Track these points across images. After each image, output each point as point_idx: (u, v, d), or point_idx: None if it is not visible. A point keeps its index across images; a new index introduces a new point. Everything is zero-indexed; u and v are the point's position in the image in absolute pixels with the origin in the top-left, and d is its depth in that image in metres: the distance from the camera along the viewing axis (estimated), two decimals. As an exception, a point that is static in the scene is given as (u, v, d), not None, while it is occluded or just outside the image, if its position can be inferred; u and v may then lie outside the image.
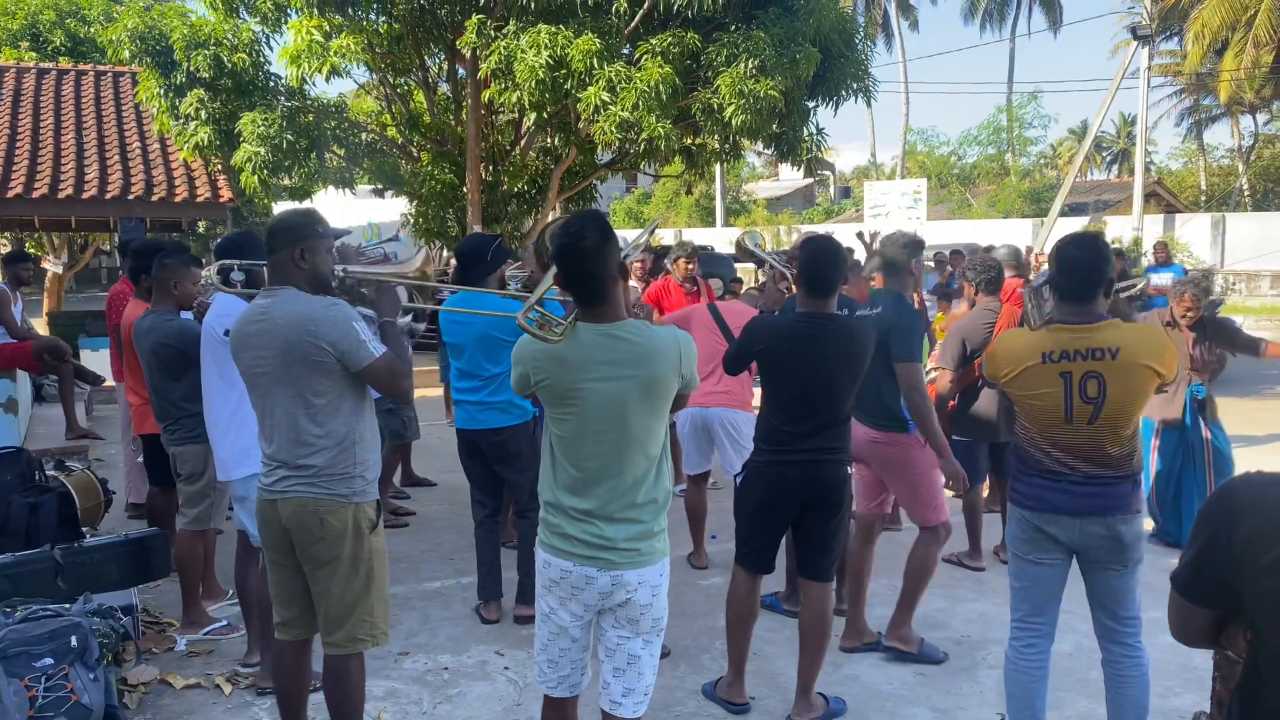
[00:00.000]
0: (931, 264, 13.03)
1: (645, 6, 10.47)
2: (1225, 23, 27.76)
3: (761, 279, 8.02)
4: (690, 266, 6.73)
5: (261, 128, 10.67)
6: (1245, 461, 6.28)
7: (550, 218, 14.65)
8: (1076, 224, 24.85)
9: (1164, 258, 12.82)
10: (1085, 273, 3.05)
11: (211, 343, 3.90)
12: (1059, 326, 3.07)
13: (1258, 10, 27.23)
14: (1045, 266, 9.35)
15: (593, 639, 2.76)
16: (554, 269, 2.61)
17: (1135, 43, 23.31)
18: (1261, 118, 37.47)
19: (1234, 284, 23.84)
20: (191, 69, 10.71)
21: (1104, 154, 49.74)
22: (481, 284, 4.52)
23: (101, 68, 15.40)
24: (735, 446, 5.23)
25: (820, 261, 3.61)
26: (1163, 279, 11.96)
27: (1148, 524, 5.81)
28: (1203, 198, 37.05)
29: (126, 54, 11.23)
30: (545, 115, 11.36)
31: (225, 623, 4.61)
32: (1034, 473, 3.17)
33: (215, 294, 4.05)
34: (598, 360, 2.55)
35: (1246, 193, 36.29)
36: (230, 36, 10.95)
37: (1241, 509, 1.46)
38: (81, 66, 15.59)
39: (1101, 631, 3.28)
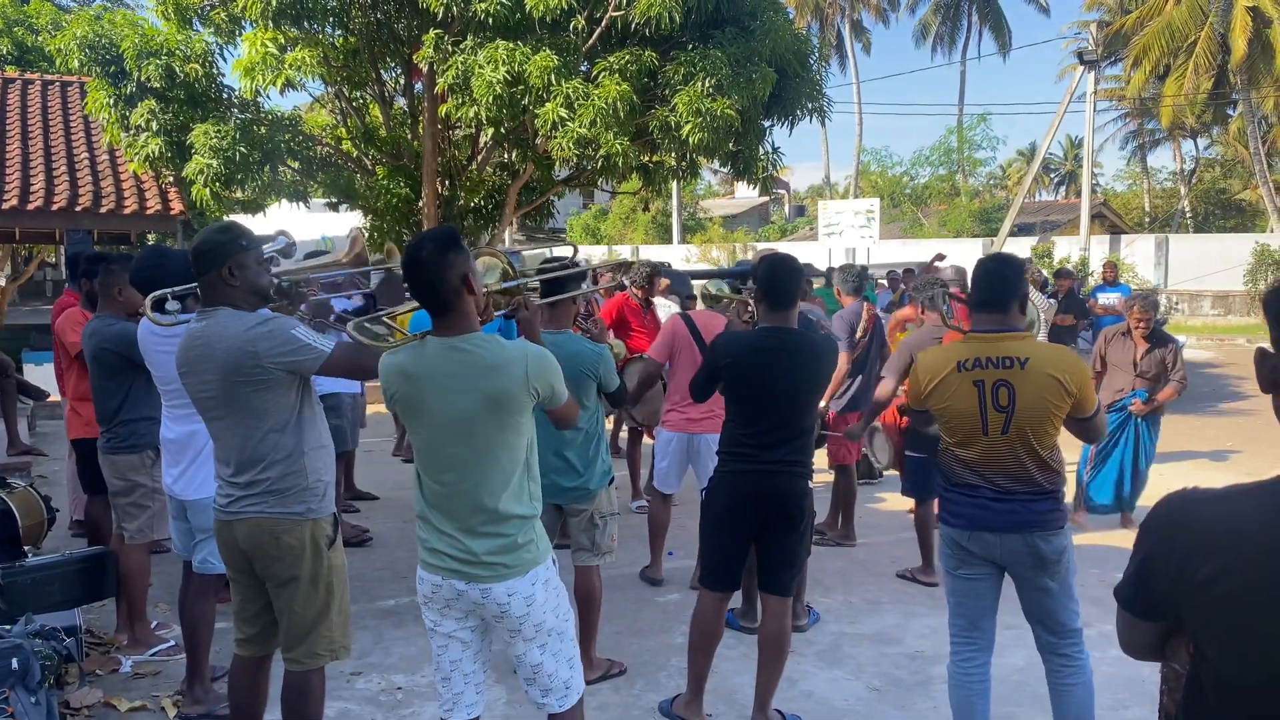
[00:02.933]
0: (884, 282, 13.22)
1: (603, 24, 10.51)
2: (1167, 50, 28.54)
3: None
4: (652, 287, 6.78)
5: (214, 140, 10.52)
6: (1188, 477, 6.47)
7: (506, 233, 14.62)
8: (1025, 243, 25.33)
9: (1112, 277, 13.10)
10: (999, 284, 3.20)
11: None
12: (973, 335, 3.20)
13: (1197, 38, 28.04)
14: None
15: (484, 649, 2.80)
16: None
17: (1081, 68, 23.89)
18: (1202, 142, 38.60)
19: (1177, 304, 24.43)
20: (142, 79, 10.53)
21: (1052, 175, 50.77)
22: None
23: (49, 77, 15.09)
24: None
25: (780, 276, 3.67)
26: (1110, 298, 12.24)
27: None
28: (1147, 219, 37.97)
29: (75, 63, 11.01)
30: (503, 131, 11.33)
31: (173, 643, 4.51)
32: (954, 488, 3.24)
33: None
34: (441, 373, 2.57)
35: (1188, 215, 37.27)
36: (183, 47, 10.79)
37: (1178, 525, 1.48)
38: (29, 75, 15.27)
39: (1041, 645, 3.35)
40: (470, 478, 2.59)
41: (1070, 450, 4.11)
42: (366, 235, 13.34)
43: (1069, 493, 3.54)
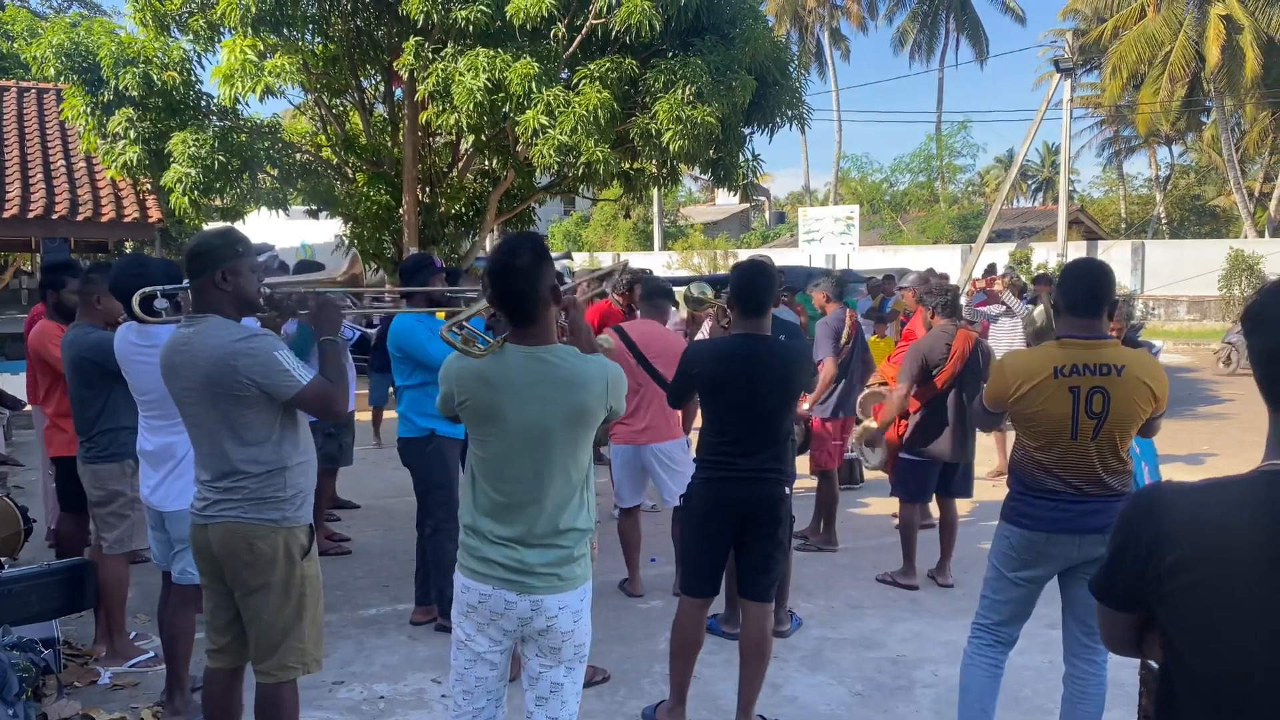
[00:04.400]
0: (864, 289, 13.28)
1: (583, 32, 10.54)
2: (1142, 58, 28.89)
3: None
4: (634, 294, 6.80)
5: (192, 148, 10.46)
6: (1165, 477, 6.52)
7: (488, 240, 14.61)
8: (1003, 250, 25.52)
9: (1087, 283, 13.19)
10: (1096, 289, 3.16)
11: None
12: (1067, 341, 3.15)
13: (1172, 47, 28.39)
14: (1002, 289, 9.63)
15: (509, 669, 2.73)
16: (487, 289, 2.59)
17: (1058, 75, 24.10)
18: (1177, 149, 39.03)
19: (1153, 308, 24.68)
20: (120, 87, 10.46)
21: (1029, 182, 51.13)
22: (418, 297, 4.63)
23: (25, 84, 14.97)
24: (672, 475, 5.25)
25: (753, 283, 3.67)
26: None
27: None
28: (1123, 225, 38.36)
29: (51, 71, 10.93)
30: (483, 138, 11.34)
31: (152, 654, 4.48)
32: (1033, 493, 3.22)
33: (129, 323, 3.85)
34: (523, 383, 2.52)
35: (1164, 221, 37.68)
36: (160, 54, 10.73)
37: (1149, 514, 1.53)
38: (4, 82, 15.14)
39: (1071, 646, 3.35)
40: (537, 489, 2.55)
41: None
42: (347, 242, 13.34)
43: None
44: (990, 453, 8.32)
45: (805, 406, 6.00)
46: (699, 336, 6.19)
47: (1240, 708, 1.43)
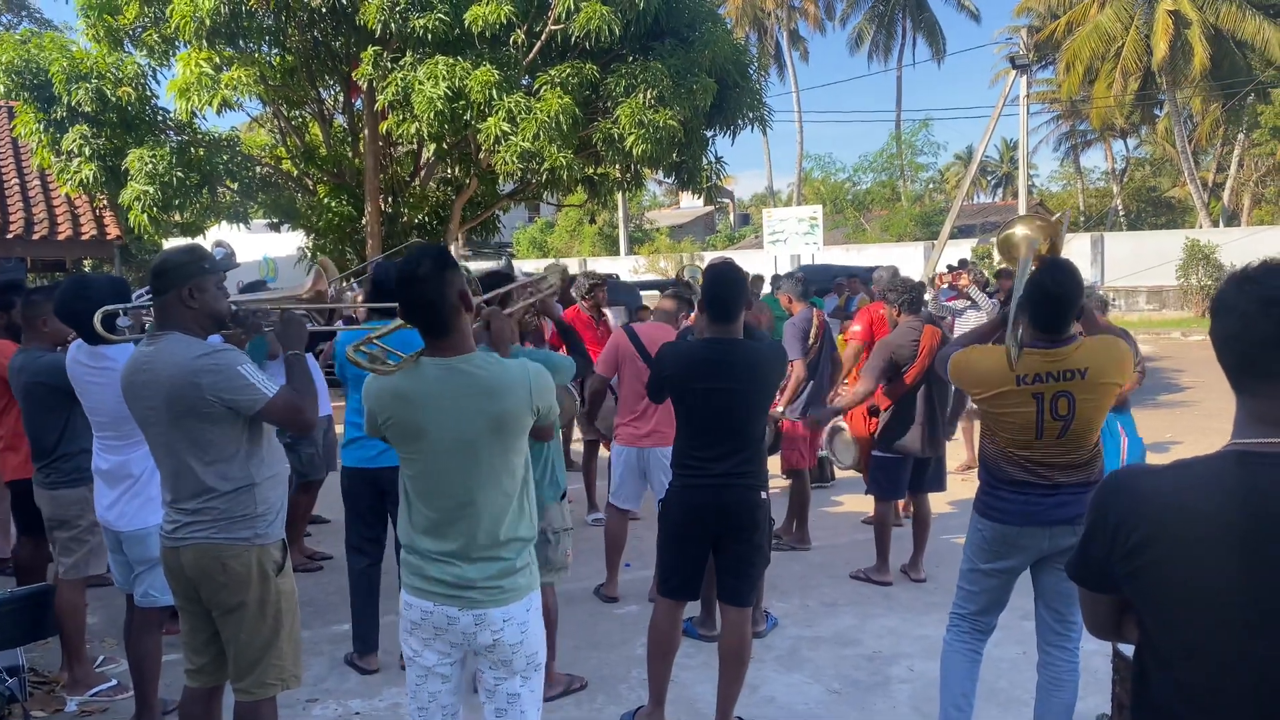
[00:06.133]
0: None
1: (543, 38, 10.54)
2: (1095, 53, 29.34)
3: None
4: (594, 296, 6.77)
5: (150, 164, 10.32)
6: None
7: (453, 248, 14.53)
8: (966, 245, 25.78)
9: (1050, 276, 13.35)
10: (1061, 306, 3.12)
11: None
12: (1030, 351, 3.14)
13: (1124, 42, 28.84)
14: (967, 284, 9.72)
15: (463, 682, 2.71)
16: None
17: (1014, 72, 24.39)
18: (1132, 142, 39.66)
19: (1114, 299, 25.00)
20: (73, 103, 10.31)
21: (989, 178, 51.76)
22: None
23: (-26, 101, 14.72)
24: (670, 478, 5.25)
25: (724, 286, 3.64)
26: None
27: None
28: (1082, 218, 38.86)
29: (1, 88, 10.76)
30: (445, 146, 11.30)
31: (115, 682, 4.38)
32: (1003, 485, 3.25)
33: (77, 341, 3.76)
34: (442, 396, 2.47)
35: (1121, 213, 38.24)
36: (114, 70, 10.59)
37: (1116, 494, 1.59)
38: (-48, 101, 14.87)
39: (1045, 634, 3.38)
40: (470, 502, 2.50)
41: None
42: (309, 255, 13.23)
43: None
44: (958, 446, 8.39)
45: (780, 409, 6.02)
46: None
47: (1210, 684, 1.46)
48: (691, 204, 43.86)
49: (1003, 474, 3.24)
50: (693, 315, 6.34)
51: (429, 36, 10.00)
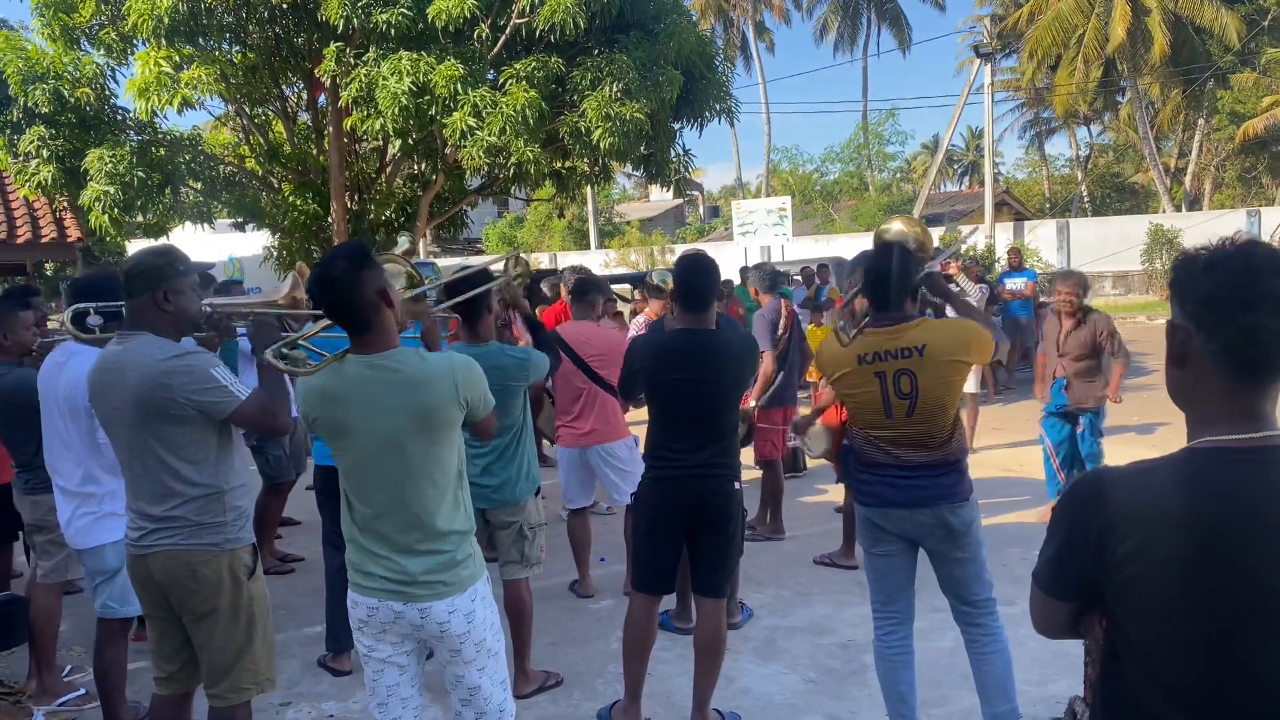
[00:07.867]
0: (799, 278, 13.40)
1: (507, 32, 10.47)
2: (1057, 41, 29.57)
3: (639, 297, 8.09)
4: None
5: (110, 164, 10.16)
6: (1107, 452, 6.59)
7: (421, 246, 14.44)
8: (934, 233, 25.88)
9: (1017, 263, 13.47)
10: (882, 282, 3.28)
11: (78, 411, 3.57)
12: (870, 331, 3.28)
13: (1085, 30, 29.10)
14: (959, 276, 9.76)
15: (421, 672, 2.73)
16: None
17: (978, 61, 24.56)
18: (1095, 129, 40.05)
19: (1081, 285, 25.23)
20: (29, 104, 10.12)
21: (955, 166, 52.08)
22: None
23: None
24: (619, 474, 5.24)
25: (695, 277, 3.65)
26: (1016, 283, 12.62)
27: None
28: (1047, 205, 39.25)
29: (-46, 90, 10.55)
30: (410, 142, 11.22)
31: (83, 691, 4.33)
32: (866, 468, 3.34)
33: (65, 344, 3.76)
34: (365, 393, 2.50)
35: (1086, 199, 38.64)
36: (72, 69, 10.41)
37: (1097, 501, 1.50)
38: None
39: (958, 616, 3.45)
40: (402, 497, 2.52)
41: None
42: (275, 254, 13.09)
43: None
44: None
45: (752, 403, 6.02)
46: (632, 333, 6.17)
47: (1201, 685, 1.43)
48: (661, 197, 43.86)
49: (864, 456, 3.35)
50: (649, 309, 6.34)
51: (392, 31, 9.91)
